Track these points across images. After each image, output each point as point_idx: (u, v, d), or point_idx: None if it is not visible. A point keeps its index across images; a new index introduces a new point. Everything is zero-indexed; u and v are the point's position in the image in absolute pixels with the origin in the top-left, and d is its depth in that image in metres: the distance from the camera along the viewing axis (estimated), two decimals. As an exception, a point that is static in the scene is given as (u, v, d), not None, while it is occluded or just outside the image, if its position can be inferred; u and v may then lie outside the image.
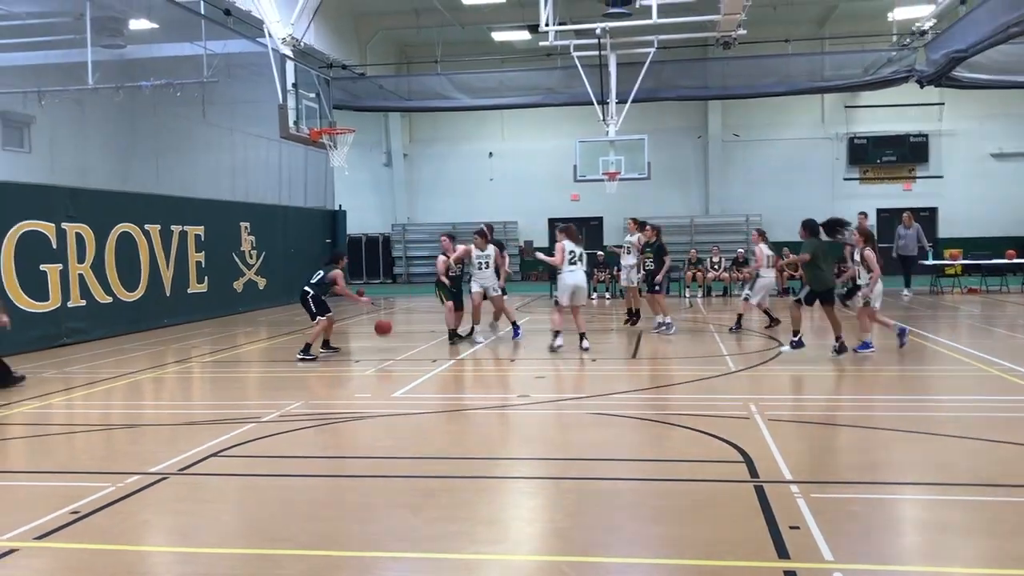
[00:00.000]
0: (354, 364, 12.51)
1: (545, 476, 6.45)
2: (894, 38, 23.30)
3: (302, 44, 16.62)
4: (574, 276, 12.94)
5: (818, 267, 11.84)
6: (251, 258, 22.07)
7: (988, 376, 10.41)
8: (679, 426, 7.94)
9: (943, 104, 27.74)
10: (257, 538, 5.10)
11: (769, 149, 29.61)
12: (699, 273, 23.54)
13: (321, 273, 13.05)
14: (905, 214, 22.74)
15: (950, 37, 19.78)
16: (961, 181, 28.22)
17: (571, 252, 12.98)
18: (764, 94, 24.87)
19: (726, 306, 20.40)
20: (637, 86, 22.19)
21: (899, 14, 22.10)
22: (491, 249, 14.37)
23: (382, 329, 13.54)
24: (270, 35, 15.27)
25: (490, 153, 32.18)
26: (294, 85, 15.06)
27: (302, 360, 12.55)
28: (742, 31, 20.33)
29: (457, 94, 25.73)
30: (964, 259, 22.88)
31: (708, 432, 7.48)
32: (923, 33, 21.70)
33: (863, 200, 27.90)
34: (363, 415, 8.73)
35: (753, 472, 6.22)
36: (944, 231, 28.58)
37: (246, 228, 21.86)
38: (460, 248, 14.41)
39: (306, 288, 12.96)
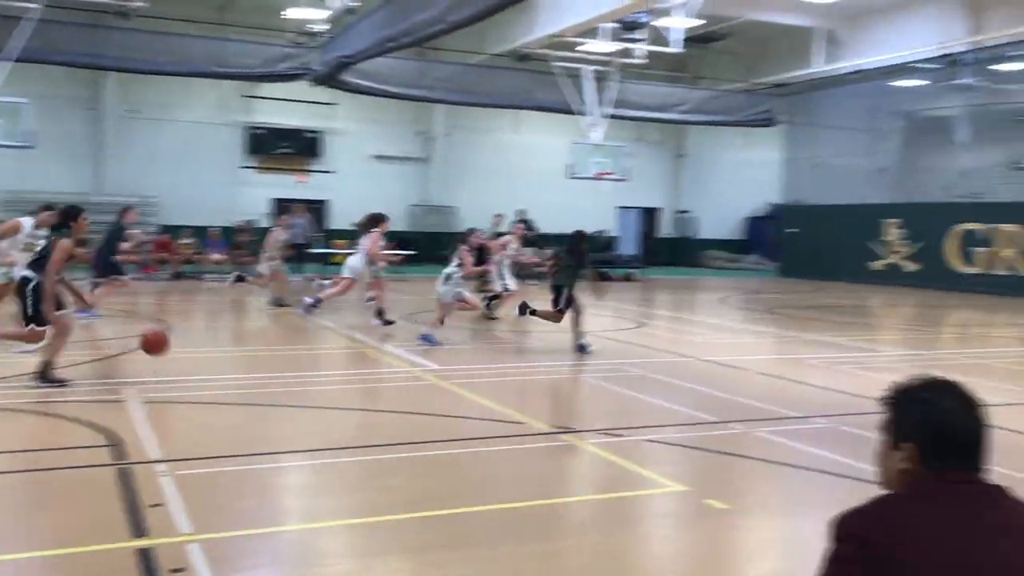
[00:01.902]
0: None
1: None
2: (290, 35, 24.36)
3: None
4: None
5: None
6: None
7: (360, 353, 11.51)
8: (45, 415, 7.31)
9: (337, 104, 29.79)
10: None
11: (169, 129, 28.79)
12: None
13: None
14: (297, 205, 23.90)
15: (340, 42, 21.33)
16: (350, 178, 30.63)
17: None
18: (164, 72, 24.10)
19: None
20: (16, 44, 19.77)
21: (292, 13, 23.14)
22: None
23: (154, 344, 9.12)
24: None
25: None
26: None
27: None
28: (141, 3, 19.38)
29: None
30: (348, 249, 24.87)
31: (77, 419, 7.01)
32: (316, 35, 23.04)
33: (261, 189, 28.75)
34: None
35: (121, 456, 5.99)
36: (335, 223, 30.74)
37: None
38: None
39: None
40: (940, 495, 1.96)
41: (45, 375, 8.26)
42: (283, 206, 25.76)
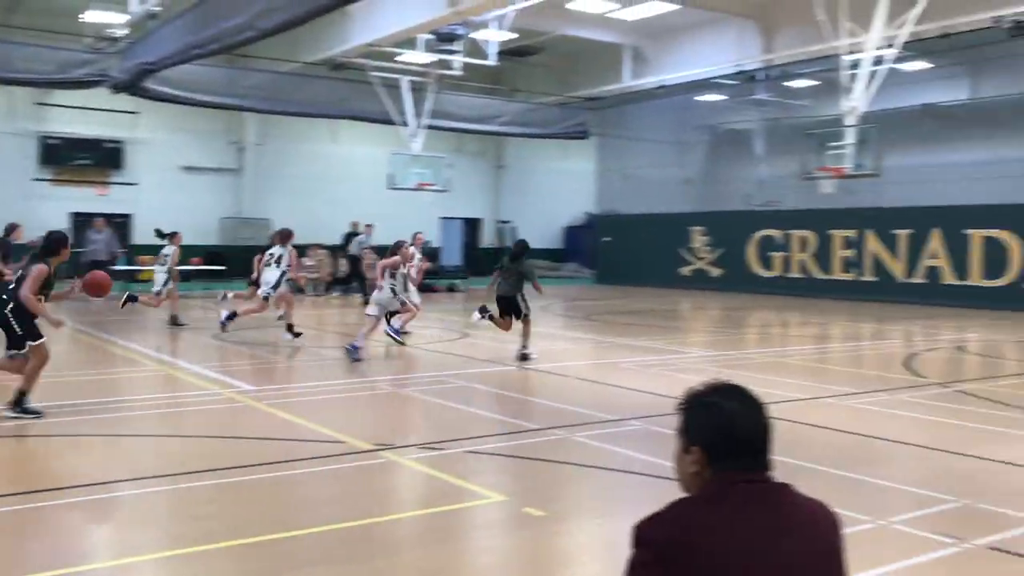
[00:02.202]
0: None
1: None
2: (88, 40, 22.91)
3: None
4: None
5: None
6: None
7: (168, 376, 10.92)
8: None
9: (139, 113, 28.26)
10: None
11: (-50, 139, 26.44)
12: None
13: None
14: (97, 219, 22.50)
15: (142, 48, 20.24)
16: (156, 190, 29.09)
17: None
18: (-59, 76, 22.10)
19: None
20: None
21: (91, 17, 21.78)
22: None
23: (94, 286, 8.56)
24: None
25: None
26: None
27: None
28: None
29: None
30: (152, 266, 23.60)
31: None
32: (116, 40, 21.77)
33: (58, 202, 26.83)
34: None
35: None
36: (139, 238, 29.11)
37: None
38: None
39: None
40: (729, 496, 2.02)
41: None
42: (83, 220, 24.17)
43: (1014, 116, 23.31)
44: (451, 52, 22.59)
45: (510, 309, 12.24)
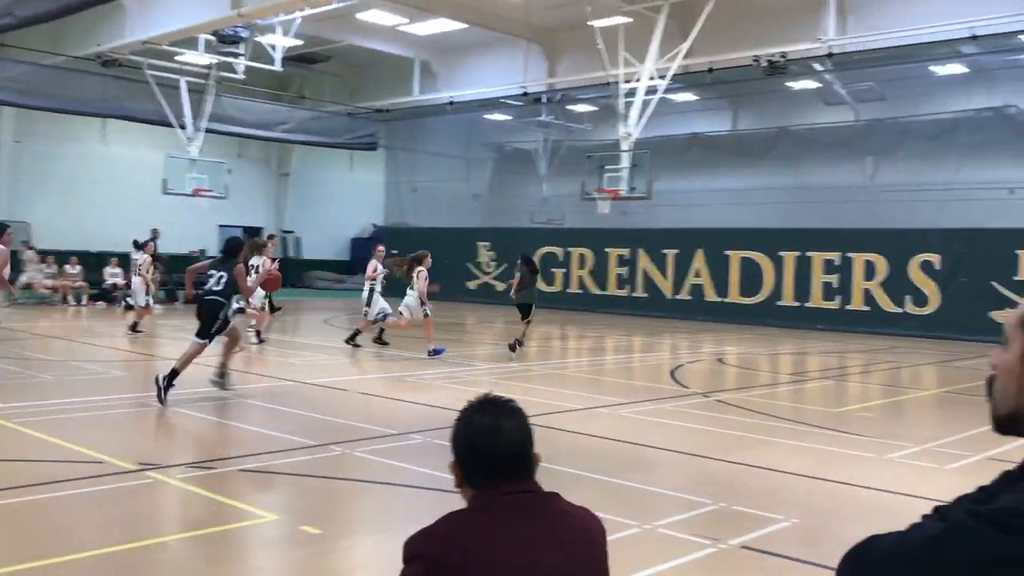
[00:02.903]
0: None
1: None
2: None
3: None
4: None
5: None
6: None
7: None
8: None
9: None
10: None
11: None
12: None
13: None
14: None
15: None
16: None
17: None
18: None
19: None
20: None
21: None
22: None
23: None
24: None
25: None
26: None
27: None
28: None
29: None
30: None
31: None
32: None
33: None
34: None
35: None
36: None
37: None
38: None
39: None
40: (495, 509, 2.06)
41: None
42: None
43: (767, 147, 25.48)
44: (234, 55, 21.79)
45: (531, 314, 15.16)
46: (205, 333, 9.52)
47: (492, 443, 2.10)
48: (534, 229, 28.47)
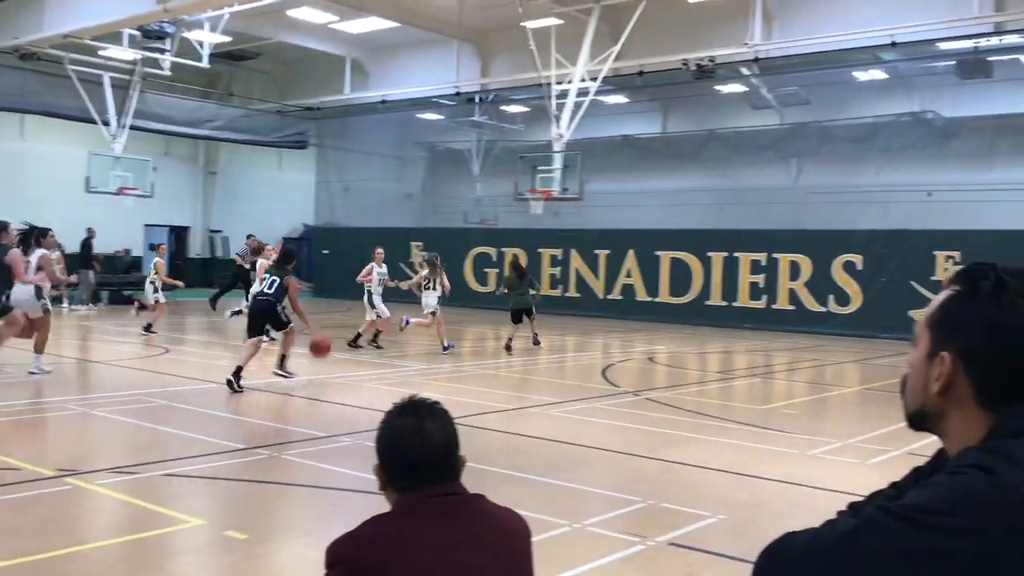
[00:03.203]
0: None
1: None
2: None
3: None
4: None
5: None
6: None
7: None
8: None
9: None
10: None
11: None
12: None
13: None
14: None
15: None
16: None
17: None
18: None
19: None
20: None
21: None
22: None
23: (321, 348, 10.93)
24: None
25: None
26: None
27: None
28: None
29: None
30: None
31: None
32: None
33: None
34: None
35: None
36: None
37: None
38: None
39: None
40: (418, 511, 2.05)
41: None
42: None
43: (696, 149, 25.87)
44: (160, 50, 21.28)
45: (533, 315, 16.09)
46: (256, 331, 10.87)
47: (416, 446, 2.08)
48: (468, 229, 28.44)
